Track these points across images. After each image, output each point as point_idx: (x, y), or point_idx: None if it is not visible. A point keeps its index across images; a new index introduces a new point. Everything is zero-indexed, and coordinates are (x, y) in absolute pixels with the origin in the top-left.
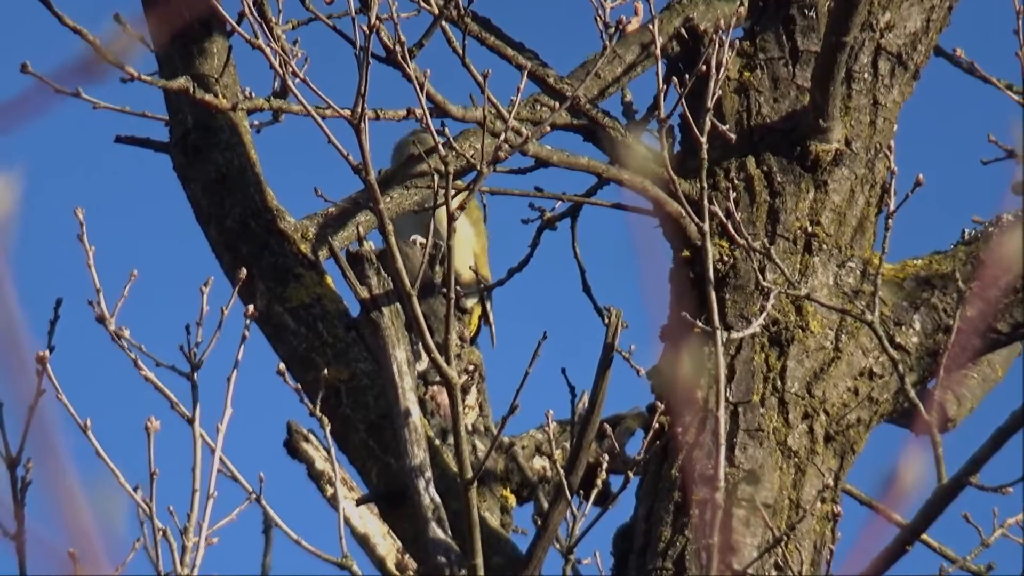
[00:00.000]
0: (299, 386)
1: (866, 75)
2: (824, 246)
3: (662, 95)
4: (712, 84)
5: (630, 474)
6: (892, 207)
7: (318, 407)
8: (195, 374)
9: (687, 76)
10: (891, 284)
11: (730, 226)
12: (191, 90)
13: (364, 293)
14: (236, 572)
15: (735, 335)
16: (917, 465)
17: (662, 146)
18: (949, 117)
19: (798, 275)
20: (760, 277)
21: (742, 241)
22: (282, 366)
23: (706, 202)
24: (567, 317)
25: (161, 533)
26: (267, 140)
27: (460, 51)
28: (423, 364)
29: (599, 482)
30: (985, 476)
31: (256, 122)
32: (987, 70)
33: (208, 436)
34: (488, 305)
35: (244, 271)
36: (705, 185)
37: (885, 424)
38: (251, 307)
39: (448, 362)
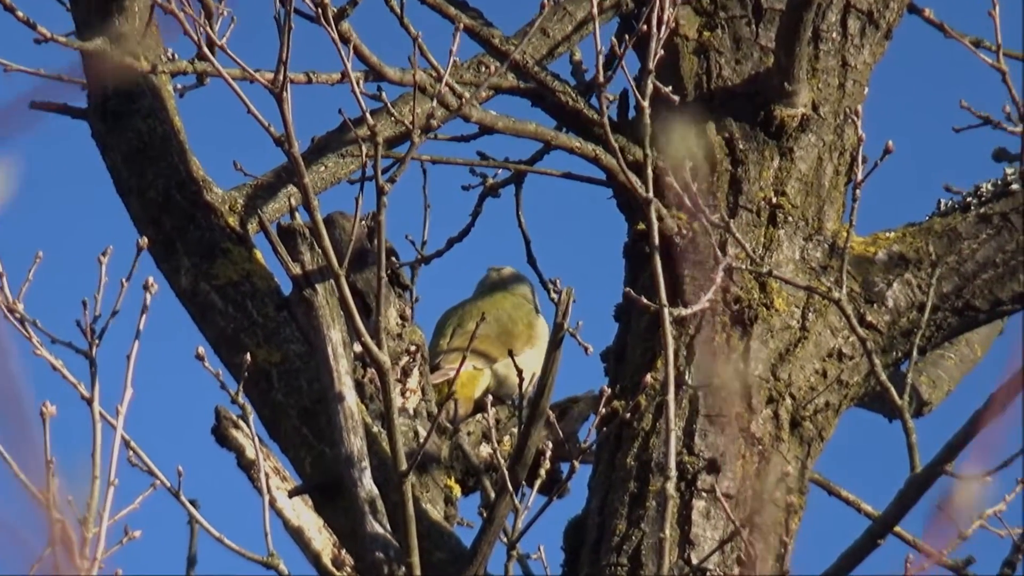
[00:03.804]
0: (219, 371)
1: (834, 34)
2: (790, 218)
3: (599, 57)
4: (654, 43)
5: (575, 463)
6: (860, 176)
7: (239, 392)
8: (93, 350)
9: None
10: (861, 259)
11: (686, 198)
12: (109, 52)
13: (296, 270)
14: (161, 571)
15: (682, 312)
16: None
17: (602, 112)
18: (924, 79)
19: (762, 249)
20: (720, 252)
21: (700, 213)
22: (201, 350)
23: (649, 170)
24: None
25: (59, 525)
26: (192, 105)
27: (398, 10)
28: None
29: (543, 471)
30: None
31: (180, 86)
32: (969, 28)
33: (112, 419)
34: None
35: (145, 239)
36: (649, 152)
37: (855, 408)
38: (150, 277)
39: (379, 345)
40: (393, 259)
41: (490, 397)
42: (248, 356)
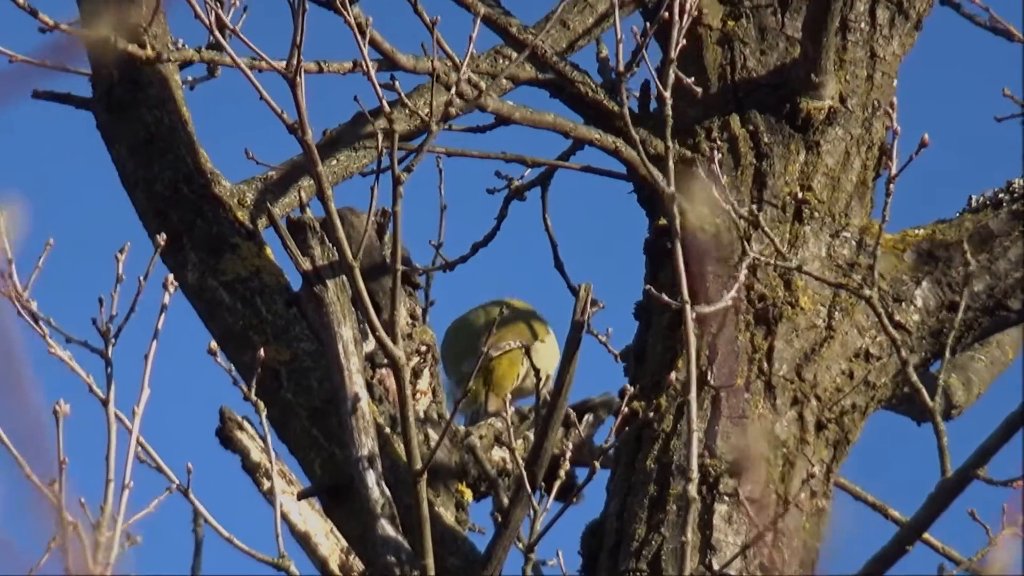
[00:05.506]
0: (232, 367)
1: (863, 24)
2: (816, 214)
3: (619, 46)
4: (675, 32)
5: (596, 465)
6: (894, 171)
7: (253, 390)
8: (109, 350)
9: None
10: (890, 256)
11: (714, 191)
12: (113, 41)
13: (306, 265)
14: (164, 573)
15: (705, 310)
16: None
17: (622, 103)
18: (957, 71)
19: (787, 246)
20: (745, 248)
21: (725, 208)
22: (214, 344)
23: (671, 162)
24: (536, 297)
25: (72, 528)
26: (202, 96)
27: None
28: (371, 344)
29: (562, 474)
30: (994, 469)
31: (190, 77)
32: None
33: (127, 420)
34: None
35: (164, 236)
36: (671, 144)
37: (883, 411)
38: (170, 276)
39: (395, 341)
40: (410, 263)
41: (508, 396)
42: (261, 353)
